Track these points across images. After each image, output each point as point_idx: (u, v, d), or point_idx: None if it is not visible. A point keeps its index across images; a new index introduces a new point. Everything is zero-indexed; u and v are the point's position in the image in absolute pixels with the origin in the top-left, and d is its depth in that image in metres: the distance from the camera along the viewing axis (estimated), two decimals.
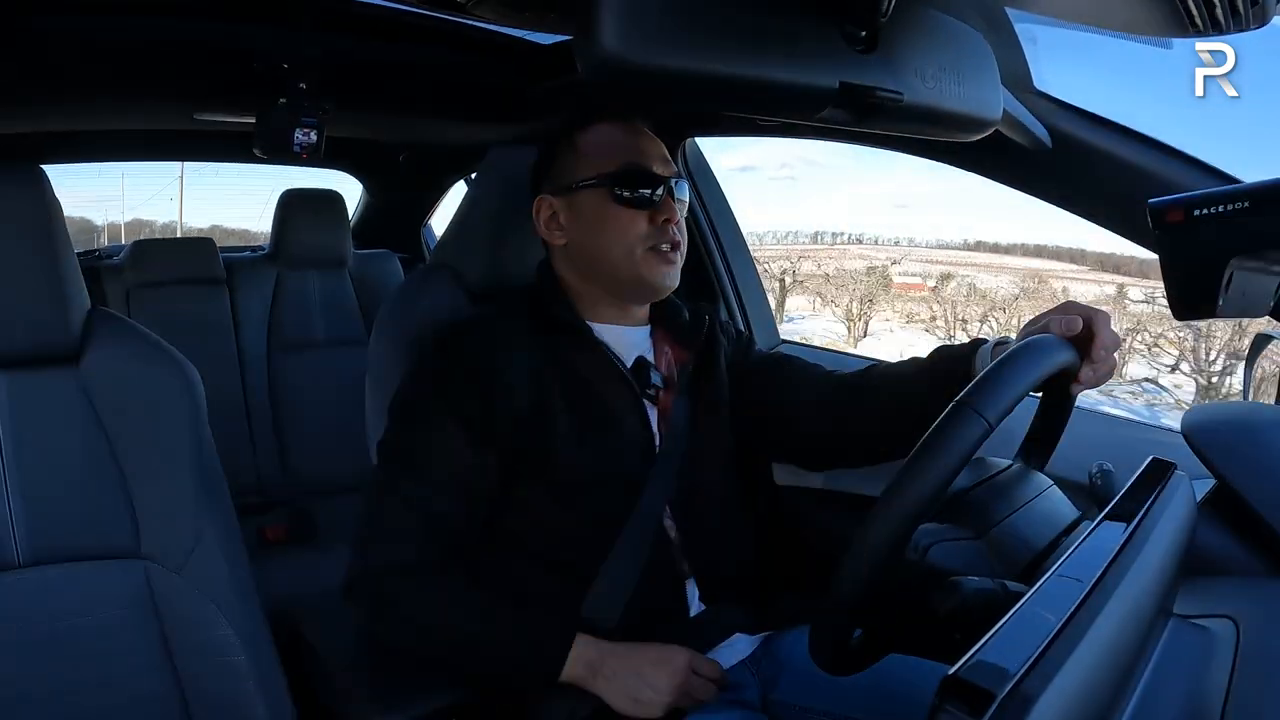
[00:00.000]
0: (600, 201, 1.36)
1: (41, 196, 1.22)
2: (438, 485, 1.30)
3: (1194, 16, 0.84)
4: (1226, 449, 1.04)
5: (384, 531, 1.31)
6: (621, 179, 1.35)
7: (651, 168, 1.37)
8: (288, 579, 2.28)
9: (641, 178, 1.35)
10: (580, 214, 1.38)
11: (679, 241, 1.38)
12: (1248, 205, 0.86)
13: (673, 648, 1.29)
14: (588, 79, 0.71)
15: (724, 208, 2.44)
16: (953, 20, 1.01)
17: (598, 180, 1.36)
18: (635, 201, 1.35)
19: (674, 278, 1.39)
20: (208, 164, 10.72)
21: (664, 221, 1.35)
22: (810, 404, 1.49)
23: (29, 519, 1.23)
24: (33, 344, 1.24)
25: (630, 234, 1.35)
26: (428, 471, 1.30)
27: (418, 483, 1.30)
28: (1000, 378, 0.94)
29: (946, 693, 0.58)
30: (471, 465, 1.31)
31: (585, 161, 1.38)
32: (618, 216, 1.35)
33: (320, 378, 2.99)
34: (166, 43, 1.69)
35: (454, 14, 0.98)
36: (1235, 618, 0.86)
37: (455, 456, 1.30)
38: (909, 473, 0.88)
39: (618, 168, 1.35)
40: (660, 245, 1.36)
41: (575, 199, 1.38)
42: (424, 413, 1.33)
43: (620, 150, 1.37)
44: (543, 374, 1.34)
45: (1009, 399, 0.92)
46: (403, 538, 1.30)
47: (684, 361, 1.47)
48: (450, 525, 1.31)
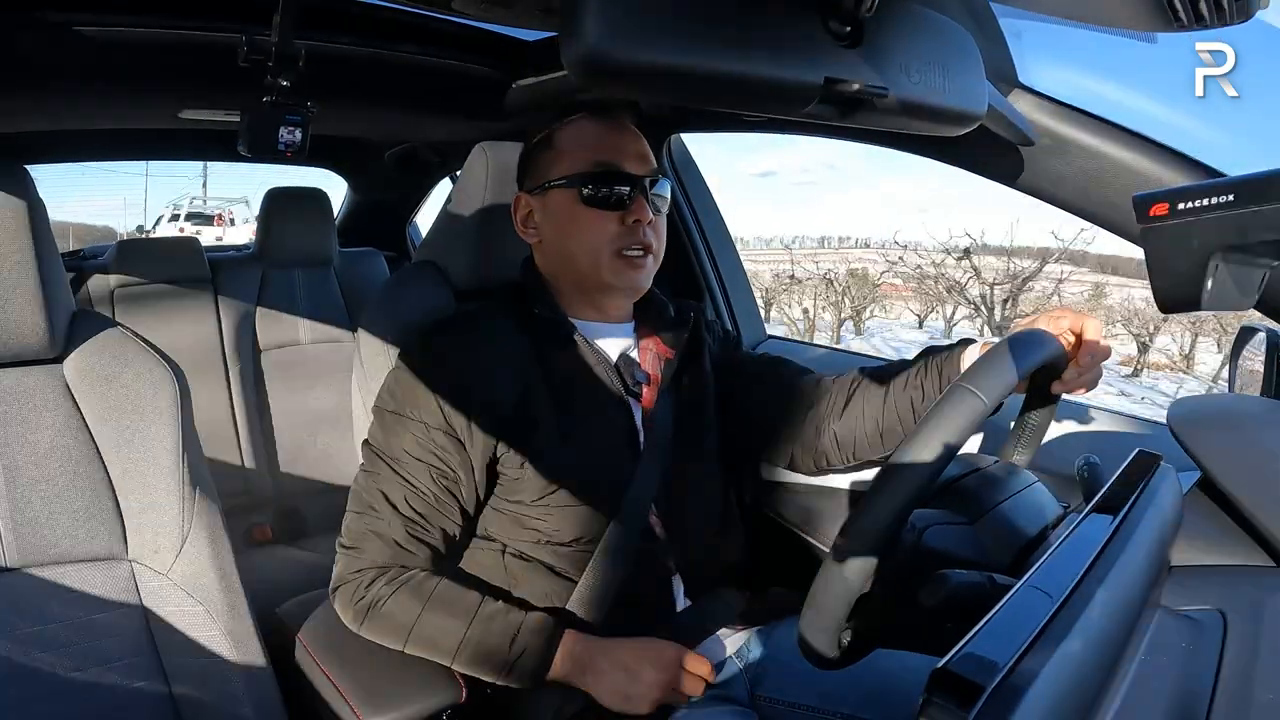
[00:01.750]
0: (569, 202, 1.34)
1: (25, 196, 1.21)
2: (421, 485, 1.29)
3: (1178, 11, 0.85)
4: (1210, 441, 1.05)
5: (368, 533, 1.30)
6: (590, 179, 1.33)
7: (624, 166, 1.34)
8: (276, 578, 2.28)
9: (612, 177, 1.33)
10: (551, 214, 1.37)
11: (650, 244, 1.36)
12: (1232, 198, 0.86)
13: (661, 643, 1.29)
14: (573, 75, 0.71)
15: (710, 204, 2.44)
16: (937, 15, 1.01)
17: (567, 181, 1.34)
18: (603, 202, 1.33)
19: (644, 281, 1.38)
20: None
21: (634, 223, 1.33)
22: (796, 408, 1.50)
23: (15, 521, 1.22)
24: (17, 345, 1.24)
25: (597, 236, 1.33)
26: (411, 471, 1.30)
27: (402, 483, 1.30)
28: (995, 362, 0.96)
29: (936, 685, 0.58)
30: (456, 464, 1.30)
31: (559, 160, 1.36)
32: (586, 217, 1.33)
33: (306, 376, 2.99)
34: (151, 41, 1.68)
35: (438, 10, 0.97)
36: (1222, 609, 0.86)
37: (439, 456, 1.30)
38: (910, 449, 0.89)
39: (588, 167, 1.33)
40: (628, 249, 1.34)
41: (547, 198, 1.37)
42: (407, 412, 1.31)
43: (594, 148, 1.35)
44: (527, 372, 1.33)
45: (1004, 382, 0.94)
46: (387, 539, 1.29)
47: (669, 358, 1.46)
48: (434, 525, 1.31)
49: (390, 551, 1.30)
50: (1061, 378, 1.19)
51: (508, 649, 1.25)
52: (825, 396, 1.49)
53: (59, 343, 1.28)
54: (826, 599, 0.91)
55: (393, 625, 1.29)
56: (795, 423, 1.49)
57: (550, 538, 1.33)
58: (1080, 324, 1.21)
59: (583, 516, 1.33)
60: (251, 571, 1.38)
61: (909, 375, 1.39)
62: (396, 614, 1.28)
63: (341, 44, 1.88)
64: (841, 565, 0.90)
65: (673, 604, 1.39)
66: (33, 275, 1.22)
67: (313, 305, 3.04)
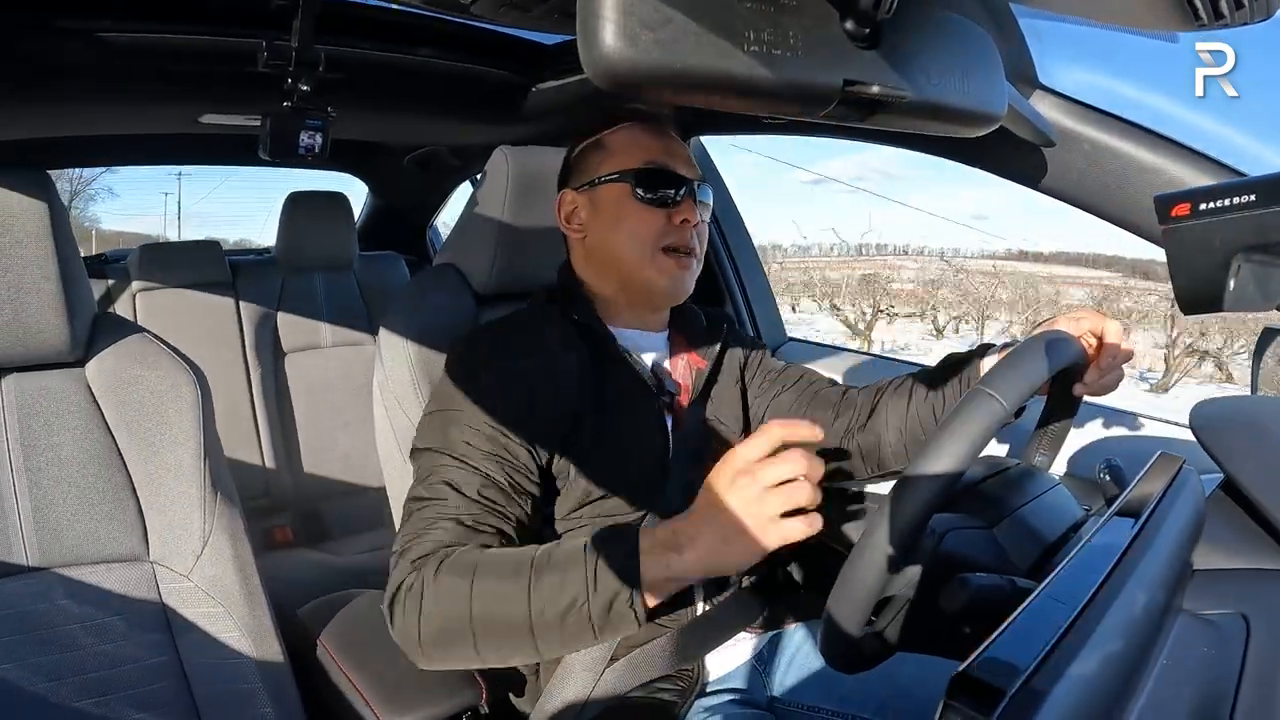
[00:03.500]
0: (621, 197, 1.35)
1: (47, 201, 1.23)
2: (494, 474, 1.21)
3: (1198, 10, 0.84)
4: (1234, 444, 1.04)
5: (432, 518, 1.18)
6: (643, 176, 1.34)
7: (675, 168, 1.36)
8: (296, 579, 2.30)
9: (664, 177, 1.35)
10: (600, 209, 1.38)
11: (694, 248, 1.37)
12: (1254, 198, 0.85)
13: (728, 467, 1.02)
14: (592, 78, 0.71)
15: (732, 209, 2.44)
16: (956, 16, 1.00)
17: (620, 176, 1.35)
18: (655, 200, 1.34)
19: (686, 284, 1.38)
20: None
21: (682, 222, 1.35)
22: (822, 419, 1.50)
23: (38, 523, 1.23)
24: (39, 348, 1.25)
25: (647, 232, 1.34)
26: (480, 463, 1.21)
27: (471, 471, 1.21)
28: (1015, 366, 0.96)
29: (956, 690, 0.58)
30: (524, 459, 1.24)
31: (610, 158, 1.37)
32: (636, 213, 1.34)
33: (327, 379, 3.00)
34: (172, 47, 1.70)
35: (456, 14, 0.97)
36: (1245, 612, 0.85)
37: (507, 449, 1.22)
38: (930, 454, 0.89)
39: (641, 164, 1.35)
40: (674, 248, 1.35)
41: (596, 194, 1.38)
42: (466, 410, 1.25)
43: (645, 149, 1.36)
44: (573, 379, 1.31)
45: (1024, 385, 0.94)
46: (454, 520, 1.17)
47: (700, 368, 1.47)
48: (510, 512, 1.21)
49: (464, 533, 1.16)
50: (1083, 380, 1.19)
51: (583, 570, 1.04)
52: (850, 408, 1.49)
53: (81, 346, 1.29)
54: (847, 602, 0.91)
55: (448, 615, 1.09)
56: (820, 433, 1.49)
57: None
58: (1101, 326, 1.21)
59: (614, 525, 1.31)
60: (272, 573, 1.39)
61: (930, 384, 1.40)
62: (447, 597, 1.09)
63: (361, 49, 1.89)
64: (862, 569, 0.90)
65: (693, 607, 1.39)
66: (55, 279, 1.23)
67: (333, 308, 3.06)
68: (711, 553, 1.00)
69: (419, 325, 1.52)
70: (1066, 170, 1.40)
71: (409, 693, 1.28)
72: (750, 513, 0.97)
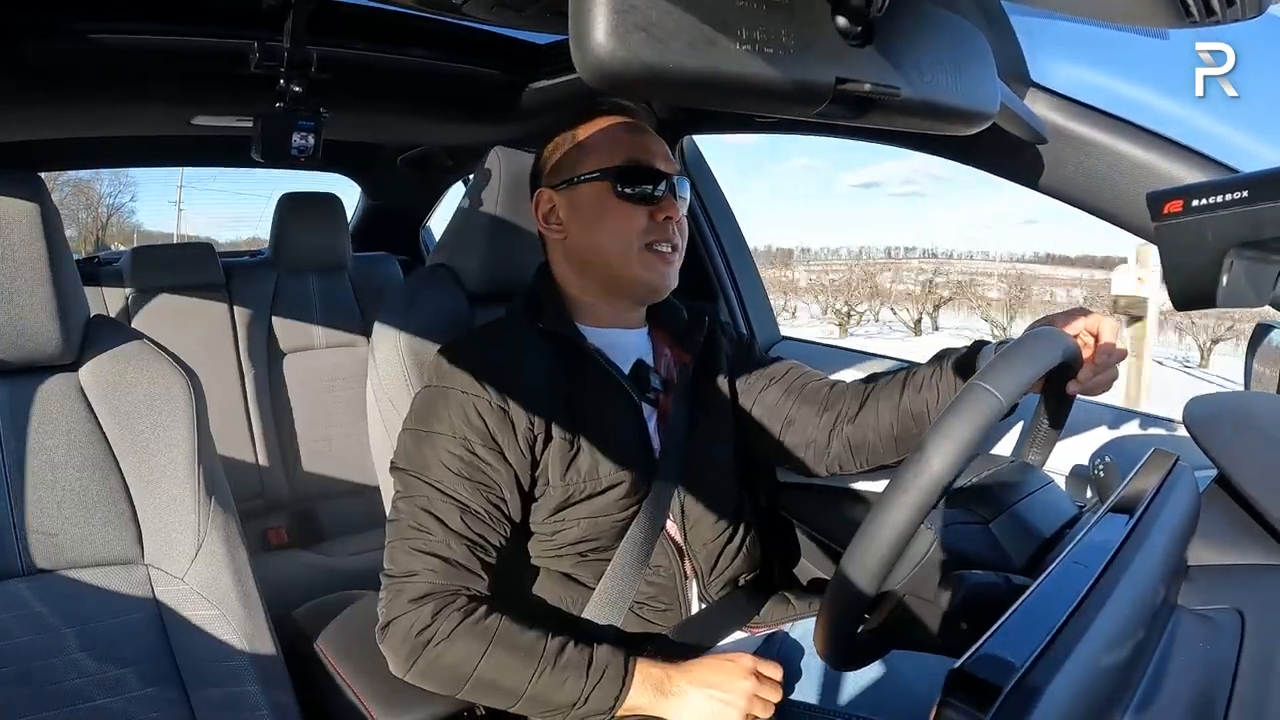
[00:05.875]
0: (600, 195, 1.34)
1: (39, 204, 1.22)
2: (473, 503, 1.25)
3: (1189, 6, 0.84)
4: (1227, 440, 1.04)
5: (424, 556, 1.23)
6: (623, 173, 1.34)
7: (655, 164, 1.35)
8: (291, 581, 2.29)
9: (644, 173, 1.34)
10: (579, 208, 1.37)
11: (678, 243, 1.37)
12: (1246, 194, 0.86)
13: (733, 654, 1.27)
14: (584, 78, 0.71)
15: (724, 207, 2.44)
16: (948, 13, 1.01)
17: (600, 174, 1.34)
18: (636, 197, 1.33)
19: (671, 279, 1.38)
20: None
21: (664, 219, 1.34)
22: (811, 411, 1.49)
23: (32, 526, 1.23)
24: (32, 352, 1.24)
25: (629, 229, 1.34)
26: (457, 489, 1.25)
27: (452, 502, 1.25)
28: (1010, 361, 0.96)
29: (953, 686, 0.58)
30: (500, 479, 1.26)
31: (588, 155, 1.37)
32: (617, 211, 1.34)
33: (321, 380, 3.00)
34: (163, 49, 1.69)
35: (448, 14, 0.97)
36: (1240, 608, 0.86)
37: (482, 470, 1.26)
38: (926, 449, 0.89)
39: (620, 162, 1.34)
40: (658, 244, 1.35)
41: (575, 193, 1.37)
42: (442, 429, 1.27)
43: (623, 145, 1.36)
44: (548, 384, 1.32)
45: (1020, 380, 0.93)
46: (446, 560, 1.23)
47: (684, 363, 1.46)
48: (492, 544, 1.26)
49: (452, 573, 1.23)
50: (1077, 377, 1.19)
51: (581, 683, 1.19)
52: (839, 400, 1.48)
53: (74, 349, 1.28)
54: (843, 599, 0.91)
55: (452, 668, 1.20)
56: (808, 426, 1.49)
57: (568, 548, 1.33)
58: (1097, 324, 1.21)
59: (601, 526, 1.32)
60: (267, 575, 1.39)
61: (923, 378, 1.39)
62: (458, 655, 1.19)
63: (353, 49, 1.89)
64: (857, 566, 0.90)
65: (688, 607, 1.39)
66: (47, 282, 1.23)
67: (327, 309, 3.05)
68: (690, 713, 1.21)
69: (412, 326, 1.52)
70: (1059, 167, 1.40)
71: (405, 695, 1.28)
72: (738, 705, 1.20)
